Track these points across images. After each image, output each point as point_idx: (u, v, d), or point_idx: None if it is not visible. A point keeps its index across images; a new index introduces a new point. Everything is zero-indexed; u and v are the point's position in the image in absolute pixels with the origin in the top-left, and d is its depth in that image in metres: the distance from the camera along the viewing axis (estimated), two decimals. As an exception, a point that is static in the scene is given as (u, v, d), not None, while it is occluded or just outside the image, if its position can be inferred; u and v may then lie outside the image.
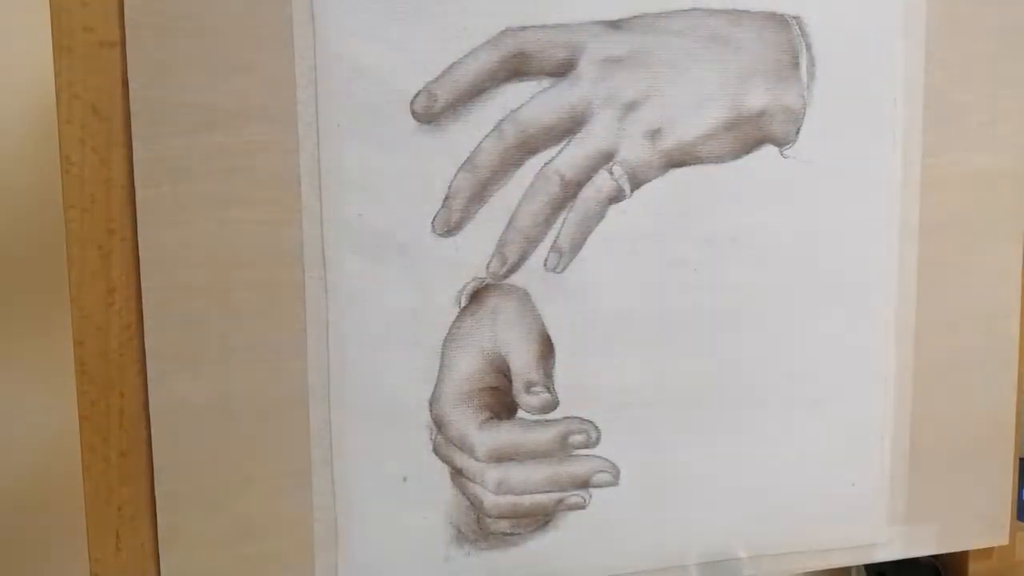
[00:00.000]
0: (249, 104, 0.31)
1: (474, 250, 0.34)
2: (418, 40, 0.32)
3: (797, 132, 0.36)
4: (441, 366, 0.34)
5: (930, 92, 0.38)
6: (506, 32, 0.33)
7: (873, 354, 0.38)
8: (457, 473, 0.35)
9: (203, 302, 0.32)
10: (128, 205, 0.31)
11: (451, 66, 0.33)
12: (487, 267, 0.34)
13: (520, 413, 0.35)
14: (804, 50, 0.36)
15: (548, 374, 0.35)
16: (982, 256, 0.39)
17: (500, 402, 0.35)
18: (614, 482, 0.36)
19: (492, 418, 0.35)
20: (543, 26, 0.33)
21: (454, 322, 0.34)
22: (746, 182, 0.36)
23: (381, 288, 0.33)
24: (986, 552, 0.42)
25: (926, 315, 0.39)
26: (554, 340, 0.35)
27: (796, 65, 0.36)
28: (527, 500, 0.35)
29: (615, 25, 0.34)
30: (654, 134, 0.35)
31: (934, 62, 0.37)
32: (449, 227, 0.33)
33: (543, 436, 0.35)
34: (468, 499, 0.35)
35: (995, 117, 0.38)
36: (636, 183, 0.35)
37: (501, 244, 0.34)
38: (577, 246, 0.35)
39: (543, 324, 0.35)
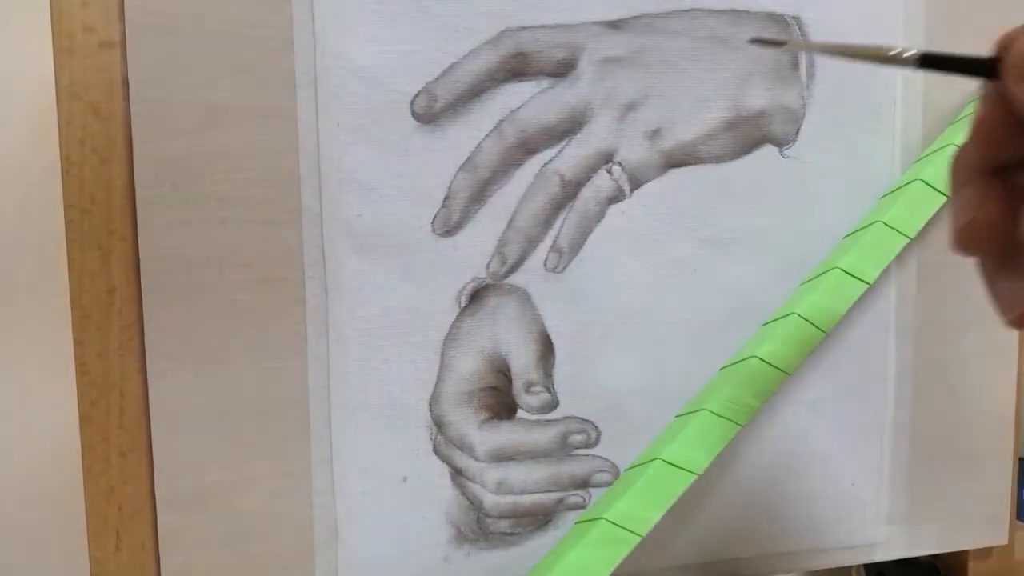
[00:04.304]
0: (249, 104, 0.31)
1: (474, 250, 0.34)
2: (418, 40, 0.32)
3: (797, 132, 0.36)
4: (441, 366, 0.34)
5: (929, 92, 0.38)
6: (505, 32, 0.33)
7: (873, 354, 0.38)
8: (457, 473, 0.35)
9: (203, 302, 0.32)
10: (128, 205, 0.31)
11: (451, 66, 0.33)
12: (487, 267, 0.34)
13: (520, 413, 0.35)
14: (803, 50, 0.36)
15: (548, 374, 0.35)
16: (982, 256, 0.39)
17: (500, 402, 0.35)
18: (613, 482, 0.36)
19: (492, 418, 0.35)
20: (542, 26, 0.33)
21: (454, 322, 0.34)
22: (746, 182, 0.36)
23: (381, 288, 0.33)
24: (986, 552, 0.42)
25: (926, 315, 0.39)
26: (554, 340, 0.35)
27: (795, 65, 0.36)
28: (527, 500, 0.35)
29: (615, 25, 0.34)
30: (654, 134, 0.35)
31: (934, 62, 0.37)
32: (449, 227, 0.34)
33: (543, 436, 0.35)
34: (468, 499, 0.35)
35: (995, 117, 0.38)
36: (636, 183, 0.35)
37: (501, 244, 0.34)
38: (577, 246, 0.35)
39: (543, 324, 0.35)
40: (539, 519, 0.36)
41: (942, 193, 0.36)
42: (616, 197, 0.35)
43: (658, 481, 0.30)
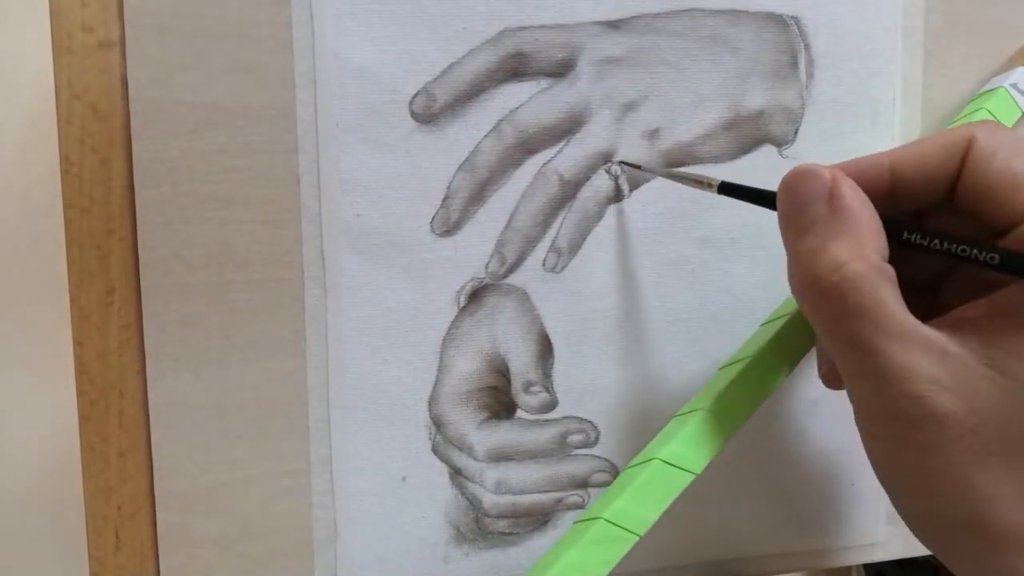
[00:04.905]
0: (249, 104, 0.31)
1: (473, 250, 0.34)
2: (417, 40, 0.32)
3: (796, 132, 0.36)
4: (440, 366, 0.34)
5: (929, 92, 0.38)
6: (504, 32, 0.33)
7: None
8: (456, 473, 0.35)
9: (202, 302, 0.32)
10: (128, 205, 0.31)
11: (450, 66, 0.33)
12: (486, 267, 0.34)
13: (519, 413, 0.35)
14: (803, 50, 0.36)
15: (547, 374, 0.35)
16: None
17: (499, 402, 0.35)
18: (612, 482, 0.36)
19: (491, 418, 0.35)
20: (542, 26, 0.33)
21: (453, 322, 0.34)
22: (745, 182, 0.36)
23: (380, 288, 0.33)
24: (985, 552, 0.42)
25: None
26: (553, 340, 0.35)
27: (795, 65, 0.36)
28: (526, 500, 0.35)
29: (614, 25, 0.34)
30: (653, 134, 0.35)
31: (933, 62, 0.37)
32: (448, 227, 0.34)
33: (542, 436, 0.35)
34: (467, 499, 0.35)
35: (994, 117, 0.38)
36: (635, 183, 0.35)
37: (500, 244, 0.34)
38: (576, 246, 0.35)
39: (542, 324, 0.35)
40: (538, 519, 0.36)
41: None
42: (615, 197, 0.35)
43: (656, 481, 0.30)
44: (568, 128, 0.34)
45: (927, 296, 0.29)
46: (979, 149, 0.26)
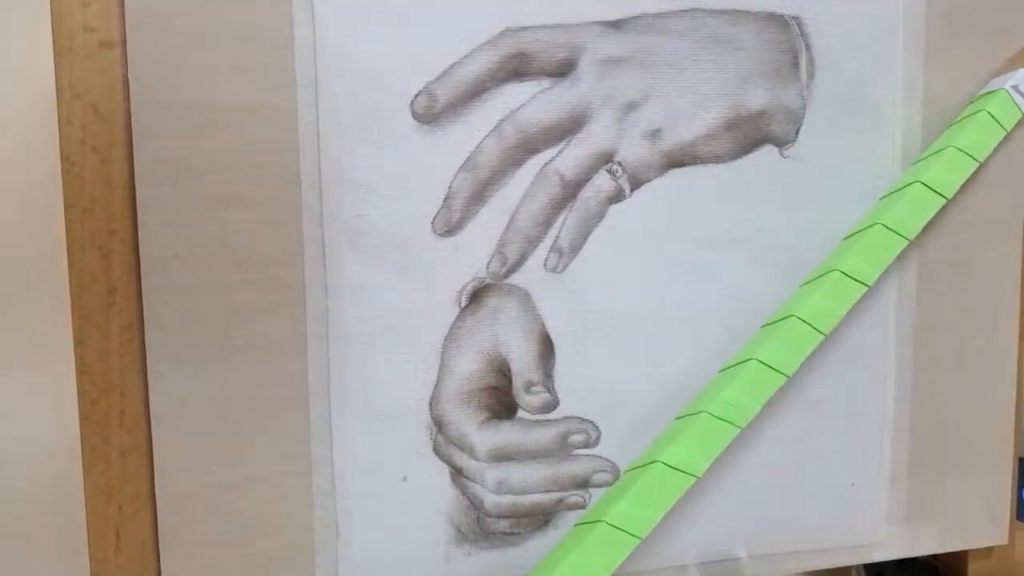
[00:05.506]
0: (249, 104, 0.31)
1: (474, 250, 0.34)
2: (418, 40, 0.32)
3: (797, 132, 0.36)
4: (441, 366, 0.34)
5: (929, 93, 0.38)
6: (506, 32, 0.33)
7: (873, 353, 0.38)
8: (457, 473, 0.35)
9: (203, 302, 0.32)
10: (128, 205, 0.31)
11: (451, 66, 0.33)
12: (487, 267, 0.34)
13: (520, 413, 0.35)
14: (804, 50, 0.36)
15: (548, 374, 0.35)
16: (982, 255, 0.39)
17: (500, 402, 0.35)
18: (614, 482, 0.36)
19: (492, 418, 0.35)
20: (543, 26, 0.33)
21: (454, 322, 0.34)
22: (746, 182, 0.36)
23: (381, 288, 0.33)
24: (986, 552, 0.42)
25: (926, 315, 0.39)
26: (554, 340, 0.35)
27: (796, 65, 0.36)
28: (527, 500, 0.35)
29: (615, 25, 0.34)
30: (654, 134, 0.35)
31: (933, 63, 0.38)
32: (449, 227, 0.34)
33: (543, 436, 0.35)
34: (468, 499, 0.35)
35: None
36: (636, 183, 0.35)
37: (501, 244, 0.34)
38: (577, 246, 0.35)
39: (543, 324, 0.35)
40: (539, 519, 0.36)
41: (942, 196, 0.36)
42: (616, 197, 0.35)
43: (658, 484, 0.30)
44: (569, 128, 0.34)
45: None
46: None
